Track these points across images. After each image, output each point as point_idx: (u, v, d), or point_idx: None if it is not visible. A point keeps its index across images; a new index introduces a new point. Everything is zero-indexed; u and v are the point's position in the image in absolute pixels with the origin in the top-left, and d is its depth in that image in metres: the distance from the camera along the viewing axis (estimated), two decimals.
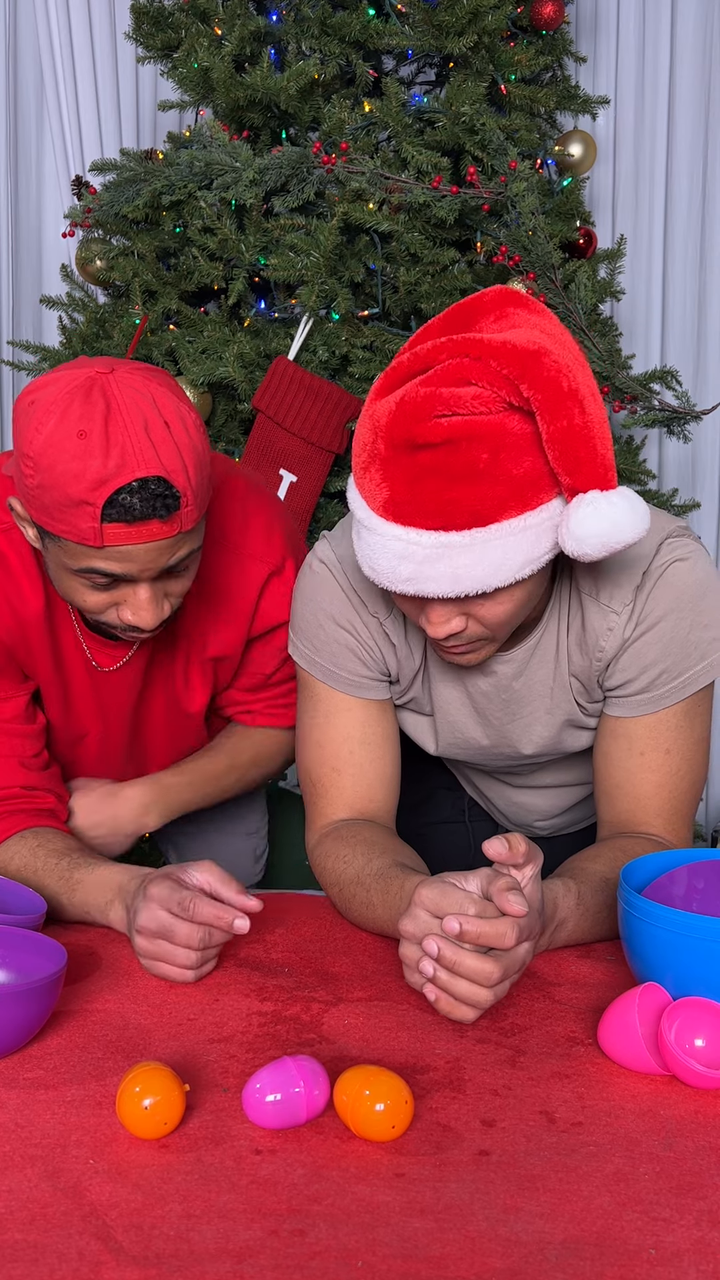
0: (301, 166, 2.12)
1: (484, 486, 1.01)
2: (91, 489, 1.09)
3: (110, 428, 1.09)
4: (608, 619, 1.20)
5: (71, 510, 1.10)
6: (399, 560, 1.05)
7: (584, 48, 2.73)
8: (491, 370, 1.01)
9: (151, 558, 1.14)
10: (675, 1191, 0.82)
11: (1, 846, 1.30)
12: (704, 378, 2.90)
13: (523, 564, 1.05)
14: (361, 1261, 0.74)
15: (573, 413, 1.00)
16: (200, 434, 1.16)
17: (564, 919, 1.13)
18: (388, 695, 1.32)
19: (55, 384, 1.12)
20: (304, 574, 1.31)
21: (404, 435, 1.02)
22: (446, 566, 1.03)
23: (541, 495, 1.03)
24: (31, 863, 1.27)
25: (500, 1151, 0.86)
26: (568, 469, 1.01)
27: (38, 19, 2.68)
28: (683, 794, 1.24)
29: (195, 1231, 0.77)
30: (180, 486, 1.12)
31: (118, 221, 2.25)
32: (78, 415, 1.09)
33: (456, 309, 1.09)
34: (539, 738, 1.31)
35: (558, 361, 1.01)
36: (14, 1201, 0.80)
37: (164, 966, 1.11)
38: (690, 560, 1.20)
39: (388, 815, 1.31)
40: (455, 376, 1.01)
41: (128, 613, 1.18)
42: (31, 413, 1.12)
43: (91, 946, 1.20)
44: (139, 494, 1.09)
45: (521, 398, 1.00)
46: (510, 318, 1.06)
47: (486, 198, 2.10)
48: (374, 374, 2.15)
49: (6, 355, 2.79)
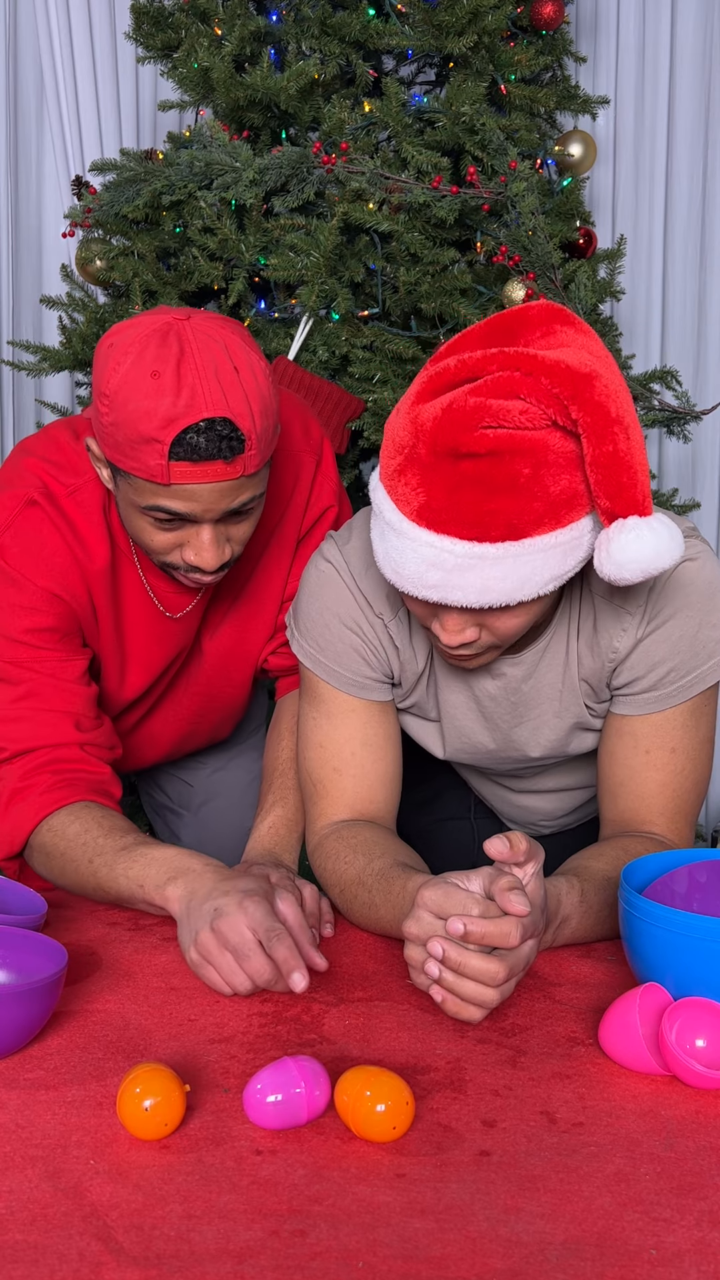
0: (301, 166, 2.12)
1: (522, 500, 1.02)
2: (161, 427, 1.14)
3: (183, 370, 1.15)
4: (622, 620, 1.21)
5: (142, 447, 1.16)
6: (428, 567, 1.05)
7: (584, 48, 2.73)
8: (542, 387, 1.01)
9: (214, 498, 1.19)
10: (676, 1192, 0.82)
11: (57, 814, 1.28)
12: (704, 378, 2.90)
13: (549, 580, 1.06)
14: (362, 1262, 0.74)
15: (618, 439, 1.01)
16: (268, 383, 1.20)
17: (567, 916, 1.13)
18: (390, 697, 1.32)
19: (134, 327, 1.18)
20: (310, 573, 1.32)
21: (448, 443, 1.02)
22: (476, 577, 1.04)
23: (575, 514, 1.04)
24: (86, 833, 1.25)
25: (501, 1152, 0.86)
26: (609, 494, 1.02)
27: (38, 19, 2.68)
28: (686, 793, 1.24)
29: (196, 1232, 0.77)
30: (245, 430, 1.17)
31: (118, 221, 2.25)
32: (153, 357, 1.15)
33: (500, 319, 1.08)
34: (546, 740, 1.31)
35: (608, 386, 1.02)
36: (14, 1202, 0.80)
37: (213, 975, 1.10)
38: (699, 560, 1.20)
39: (388, 816, 1.32)
40: (505, 389, 1.02)
41: (190, 553, 1.24)
42: (110, 354, 1.18)
43: (92, 947, 1.20)
44: (205, 434, 1.15)
45: (569, 418, 1.01)
46: (557, 335, 1.06)
47: (486, 198, 2.10)
48: (374, 374, 2.15)
49: (6, 355, 2.78)
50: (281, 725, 1.52)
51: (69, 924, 1.26)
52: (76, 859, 1.25)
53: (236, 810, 1.83)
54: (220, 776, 1.83)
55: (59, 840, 1.26)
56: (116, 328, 1.20)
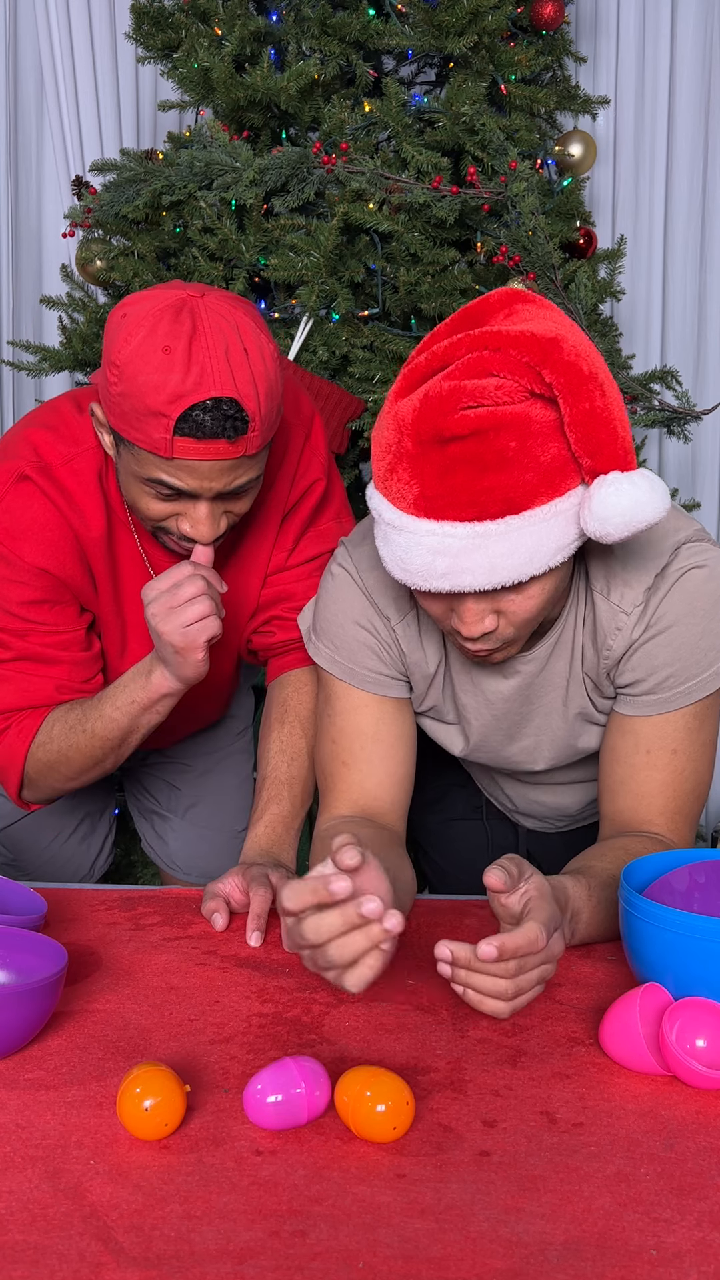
0: (301, 166, 2.12)
1: (515, 473, 1.02)
2: (169, 402, 1.16)
3: (194, 347, 1.16)
4: (617, 619, 1.21)
5: (148, 420, 1.18)
6: (434, 555, 1.05)
7: (584, 48, 2.73)
8: (512, 360, 1.02)
9: (214, 476, 1.21)
10: (676, 1192, 0.82)
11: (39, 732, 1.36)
12: (704, 378, 2.90)
13: (555, 551, 1.06)
14: (363, 1262, 0.74)
15: (594, 395, 1.02)
16: (275, 366, 1.22)
17: (578, 909, 1.13)
18: (406, 695, 1.32)
19: (149, 300, 1.20)
20: (326, 580, 1.34)
21: (431, 430, 1.02)
22: (483, 557, 1.04)
23: (569, 481, 1.05)
24: (68, 718, 1.35)
25: (501, 1152, 0.86)
26: (589, 451, 1.03)
27: (38, 19, 2.68)
28: (686, 794, 1.24)
29: (196, 1232, 0.77)
30: (250, 411, 1.18)
31: (118, 222, 2.25)
32: (165, 332, 1.17)
33: (464, 312, 1.10)
34: (554, 733, 1.31)
35: (575, 347, 1.03)
36: (15, 1203, 0.80)
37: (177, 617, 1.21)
38: (709, 568, 1.20)
39: (395, 815, 1.31)
40: (477, 369, 1.03)
41: (186, 524, 1.26)
42: (123, 325, 1.19)
43: (92, 947, 1.20)
44: (211, 412, 1.17)
45: (543, 384, 1.02)
46: (520, 313, 1.07)
47: (486, 198, 2.10)
48: (374, 374, 2.15)
49: (6, 355, 2.78)
50: (271, 717, 1.50)
51: (69, 924, 1.26)
52: (75, 741, 1.33)
53: (224, 814, 1.83)
54: (207, 780, 1.83)
55: (51, 746, 1.34)
56: (130, 299, 1.22)
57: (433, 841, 1.72)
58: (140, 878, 2.42)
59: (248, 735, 1.88)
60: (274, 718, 1.48)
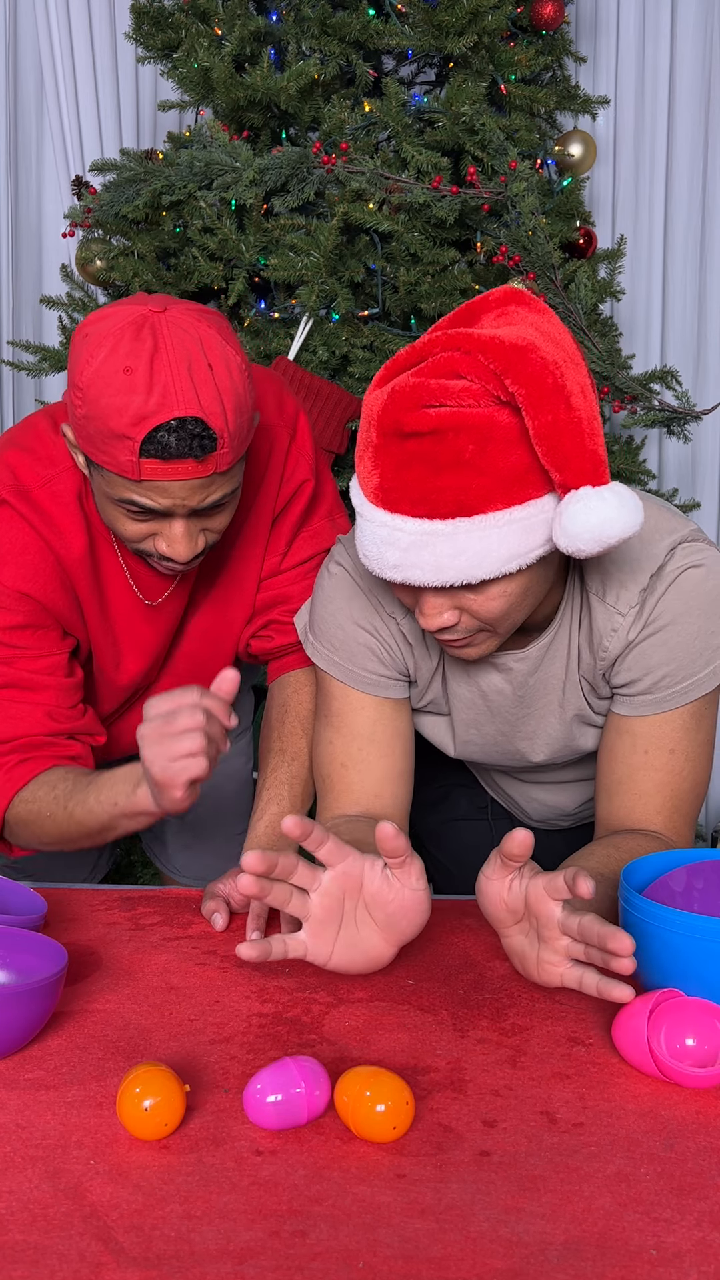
0: (301, 166, 2.12)
1: (468, 477, 1.02)
2: (132, 424, 1.14)
3: (155, 366, 1.14)
4: (612, 620, 1.21)
5: (113, 442, 1.15)
6: (385, 546, 1.07)
7: (584, 48, 2.73)
8: (479, 364, 1.02)
9: (185, 495, 1.19)
10: (676, 1192, 0.82)
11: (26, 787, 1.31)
12: (704, 378, 2.90)
13: (508, 558, 1.06)
14: (363, 1262, 0.74)
15: (558, 408, 1.01)
16: (243, 379, 1.19)
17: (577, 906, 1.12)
18: (404, 695, 1.32)
19: (109, 318, 1.17)
20: (322, 578, 1.33)
21: (393, 423, 1.03)
22: (430, 555, 1.05)
23: (531, 491, 1.04)
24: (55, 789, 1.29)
25: (501, 1152, 0.86)
26: (556, 464, 1.03)
27: (38, 19, 2.68)
28: (684, 794, 1.24)
29: (196, 1233, 0.77)
30: (217, 429, 1.16)
31: (118, 221, 2.25)
32: (126, 351, 1.14)
33: (463, 308, 1.11)
34: (551, 734, 1.31)
35: (544, 358, 1.02)
36: (15, 1203, 0.80)
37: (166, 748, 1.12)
38: (705, 568, 1.20)
39: (397, 812, 1.31)
40: (446, 369, 1.03)
41: (163, 544, 1.23)
42: (84, 345, 1.17)
43: (92, 947, 1.20)
44: (176, 433, 1.14)
45: (507, 392, 1.02)
46: (509, 315, 1.07)
47: (486, 198, 2.10)
48: (374, 374, 2.15)
49: (6, 355, 2.79)
50: (271, 717, 1.49)
51: (69, 924, 1.26)
52: (54, 814, 1.28)
53: (223, 817, 1.83)
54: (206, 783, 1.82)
55: (33, 806, 1.29)
56: (92, 317, 1.19)
57: (435, 841, 1.72)
58: (140, 878, 2.42)
59: (248, 736, 1.88)
60: (274, 718, 1.48)
